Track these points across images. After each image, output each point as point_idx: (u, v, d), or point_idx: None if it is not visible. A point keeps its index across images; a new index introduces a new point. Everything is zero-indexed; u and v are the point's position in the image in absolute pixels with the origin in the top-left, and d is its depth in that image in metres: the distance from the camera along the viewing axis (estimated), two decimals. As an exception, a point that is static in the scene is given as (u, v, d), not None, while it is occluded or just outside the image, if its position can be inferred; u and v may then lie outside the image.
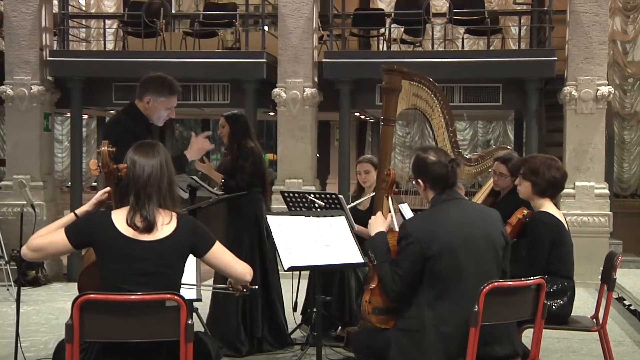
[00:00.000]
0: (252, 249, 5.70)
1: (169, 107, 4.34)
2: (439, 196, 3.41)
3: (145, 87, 4.31)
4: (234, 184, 5.62)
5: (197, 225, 3.04)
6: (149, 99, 4.27)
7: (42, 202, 9.19)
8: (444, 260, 3.24)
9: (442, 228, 3.29)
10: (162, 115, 4.34)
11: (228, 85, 9.70)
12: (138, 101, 4.33)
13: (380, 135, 4.21)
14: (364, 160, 5.99)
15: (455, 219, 3.32)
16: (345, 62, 9.26)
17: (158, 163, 3.00)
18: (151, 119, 4.33)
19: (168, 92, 4.31)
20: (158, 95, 4.28)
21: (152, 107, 4.28)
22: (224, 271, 3.11)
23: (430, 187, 3.42)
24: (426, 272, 3.26)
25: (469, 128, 17.25)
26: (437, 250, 3.24)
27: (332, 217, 4.33)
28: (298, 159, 9.13)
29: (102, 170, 3.07)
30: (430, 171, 3.40)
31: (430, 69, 7.79)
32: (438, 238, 3.26)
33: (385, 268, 3.35)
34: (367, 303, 3.54)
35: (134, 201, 2.95)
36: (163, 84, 4.31)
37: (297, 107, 9.12)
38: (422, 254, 3.24)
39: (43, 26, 9.46)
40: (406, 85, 4.17)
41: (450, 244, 3.25)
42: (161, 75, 4.39)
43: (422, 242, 3.25)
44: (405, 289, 3.29)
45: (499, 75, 9.12)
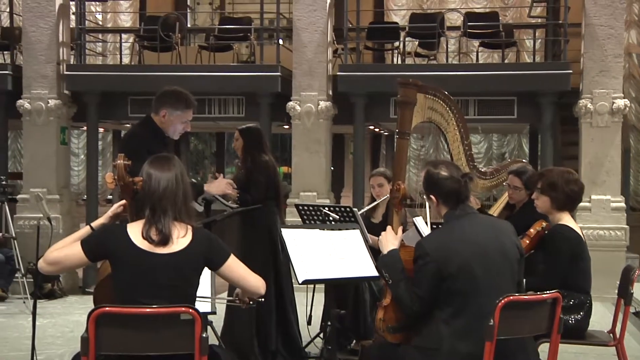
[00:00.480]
0: (266, 262, 5.70)
1: (184, 121, 4.38)
2: (453, 212, 3.39)
3: (162, 101, 4.35)
4: (249, 198, 5.63)
5: (212, 238, 3.05)
6: (164, 112, 4.31)
7: (58, 215, 9.24)
8: (461, 278, 3.22)
9: (458, 246, 3.27)
10: (177, 129, 4.37)
11: (243, 99, 9.73)
12: (154, 115, 4.37)
13: (395, 149, 4.20)
14: (377, 173, 5.98)
15: (471, 236, 3.30)
16: (359, 76, 9.27)
17: (173, 176, 3.01)
18: (167, 132, 4.37)
19: (184, 106, 4.35)
20: (174, 109, 4.31)
21: (168, 120, 4.32)
22: (238, 284, 3.11)
23: (443, 203, 3.41)
24: (443, 290, 3.24)
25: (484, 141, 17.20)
26: (454, 269, 3.22)
27: (347, 231, 4.32)
28: (312, 172, 9.13)
29: (118, 183, 3.09)
30: (442, 187, 3.38)
31: (444, 82, 7.78)
32: (455, 257, 3.24)
33: (402, 287, 3.32)
34: (381, 321, 3.52)
35: (149, 214, 2.96)
36: (179, 98, 4.35)
37: (311, 120, 9.14)
38: (439, 274, 3.22)
39: (60, 41, 9.55)
40: (421, 98, 4.16)
41: (467, 262, 3.23)
42: (177, 89, 4.43)
43: (439, 261, 3.23)
44: (424, 308, 3.27)
45: (513, 89, 9.09)
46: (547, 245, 4.19)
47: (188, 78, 9.16)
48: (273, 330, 5.65)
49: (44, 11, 9.42)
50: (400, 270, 3.39)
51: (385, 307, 3.51)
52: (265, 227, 5.73)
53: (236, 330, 5.62)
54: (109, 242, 2.95)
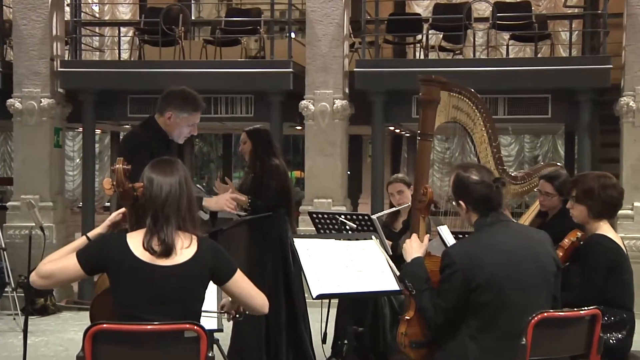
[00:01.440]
0: (276, 275, 5.71)
1: (191, 124, 4.41)
2: (483, 219, 3.38)
3: (168, 102, 4.38)
4: (261, 204, 5.64)
5: (218, 250, 3.06)
6: (170, 114, 4.34)
7: (51, 224, 9.30)
8: (489, 290, 3.22)
9: (487, 256, 3.27)
10: (183, 132, 4.40)
11: (252, 97, 9.76)
12: (158, 115, 4.40)
13: (417, 151, 4.21)
14: (396, 179, 5.99)
15: (502, 245, 3.30)
16: (378, 72, 9.28)
17: (177, 182, 3.03)
18: (171, 135, 4.39)
19: (192, 108, 4.38)
20: (181, 111, 4.35)
21: (173, 123, 4.35)
22: (243, 301, 3.12)
23: (473, 210, 3.40)
24: (470, 302, 3.24)
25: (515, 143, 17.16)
26: (482, 280, 3.22)
27: (365, 241, 4.32)
28: (327, 176, 9.14)
29: (117, 189, 3.10)
30: (472, 192, 3.38)
31: (471, 79, 7.77)
32: (483, 267, 3.24)
33: (426, 298, 3.33)
34: (403, 335, 3.52)
35: (151, 223, 2.98)
36: (187, 99, 4.38)
37: (326, 120, 9.15)
38: (466, 284, 3.23)
39: (54, 35, 9.62)
40: (445, 96, 4.16)
41: (497, 273, 3.23)
42: (185, 89, 4.46)
43: (466, 271, 3.23)
44: (449, 322, 3.27)
45: (547, 85, 9.06)
46: (583, 257, 4.17)
47: (192, 75, 9.20)
48: (284, 348, 5.66)
49: (36, 3, 9.49)
50: (424, 279, 3.39)
51: (409, 321, 3.51)
52: (275, 236, 5.74)
53: (244, 348, 5.63)
54: (107, 253, 2.97)
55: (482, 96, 4.33)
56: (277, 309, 5.74)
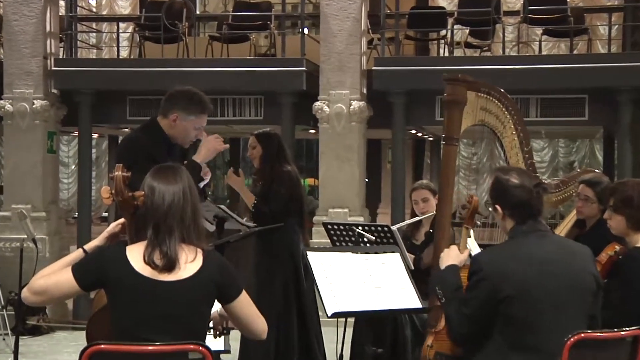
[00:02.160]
0: (287, 291, 5.72)
1: (198, 127, 4.41)
2: (519, 227, 3.38)
3: (172, 103, 4.39)
4: (266, 210, 5.65)
5: (226, 266, 3.07)
6: (175, 116, 4.34)
7: (44, 236, 9.34)
8: (519, 303, 3.21)
9: (518, 265, 3.26)
10: (189, 136, 4.41)
11: (261, 99, 9.79)
12: (161, 118, 4.40)
13: (441, 157, 4.21)
14: (422, 186, 5.97)
15: (536, 256, 3.29)
16: (399, 71, 9.28)
17: (180, 190, 3.04)
18: (176, 139, 4.40)
19: (199, 109, 4.38)
20: (187, 113, 4.35)
21: (179, 126, 4.35)
22: (243, 324, 3.12)
23: (510, 215, 3.40)
24: (499, 315, 3.23)
25: (548, 148, 17.11)
26: (511, 291, 3.21)
27: (385, 254, 4.32)
28: (343, 184, 9.15)
29: (116, 198, 3.12)
30: (511, 196, 3.38)
31: (501, 78, 7.76)
32: (513, 277, 3.23)
33: (454, 306, 3.34)
34: (429, 348, 3.51)
35: (152, 235, 2.99)
36: (192, 99, 4.39)
37: (342, 123, 9.16)
38: (493, 294, 3.22)
39: (48, 31, 9.68)
40: (472, 97, 4.16)
41: (528, 284, 3.23)
42: (191, 89, 4.47)
43: (494, 279, 3.23)
44: (472, 331, 3.26)
45: (584, 85, 9.04)
46: (622, 273, 4.15)
47: (197, 74, 9.24)
48: (296, 371, 5.67)
49: (29, -3, 9.56)
50: (455, 287, 3.39)
51: (437, 333, 3.51)
52: (286, 249, 5.75)
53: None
54: (105, 267, 2.98)
55: (513, 97, 4.33)
56: (288, 329, 5.74)
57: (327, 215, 9.03)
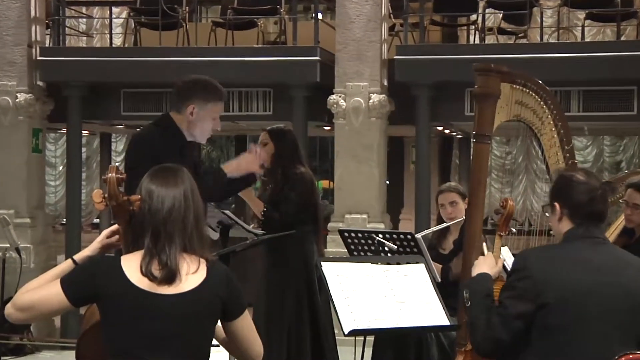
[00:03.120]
0: (299, 306, 5.72)
1: (215, 116, 4.49)
2: (576, 230, 3.38)
3: (187, 94, 4.46)
4: (276, 217, 5.66)
5: (231, 279, 3.07)
6: (193, 107, 4.41)
7: (29, 245, 9.36)
8: (562, 312, 3.21)
9: (567, 271, 3.26)
10: (206, 128, 4.48)
11: (270, 92, 9.81)
12: (175, 113, 4.47)
13: (472, 156, 4.21)
14: (449, 188, 5.97)
15: (589, 264, 3.29)
16: (424, 60, 9.27)
17: (181, 194, 3.05)
18: (194, 134, 4.46)
19: (216, 96, 4.49)
20: (204, 101, 4.43)
21: (197, 117, 4.42)
22: (242, 346, 3.12)
23: (568, 215, 3.38)
24: (536, 324, 3.23)
25: (592, 146, 17.05)
26: (554, 298, 3.21)
27: (408, 265, 4.33)
28: (362, 187, 9.15)
29: (109, 203, 3.13)
30: (573, 193, 3.37)
31: (538, 68, 7.75)
32: (559, 282, 3.23)
33: (480, 309, 3.33)
34: (458, 367, 3.52)
35: (150, 243, 3.00)
36: (207, 87, 4.49)
37: (360, 119, 9.17)
38: (535, 296, 3.22)
39: (32, 16, 9.72)
40: (506, 89, 4.16)
41: (575, 293, 3.22)
42: (201, 77, 4.58)
43: (538, 281, 3.23)
44: (505, 337, 3.24)
45: (633, 75, 9.01)
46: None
47: (199, 65, 9.26)
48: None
49: (12, -21, 9.61)
50: (485, 294, 3.39)
51: (467, 353, 3.50)
52: (299, 259, 5.76)
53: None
54: (98, 280, 2.99)
55: (552, 89, 4.32)
56: (301, 347, 5.75)
57: (344, 221, 9.04)
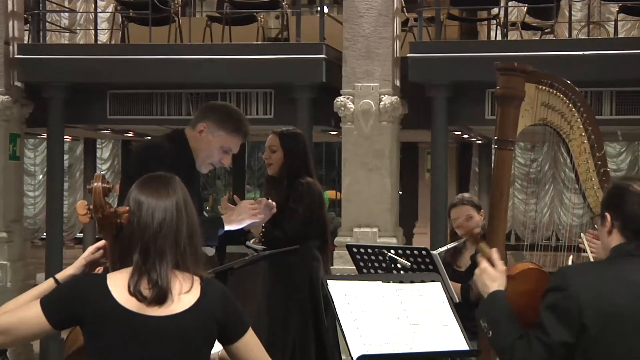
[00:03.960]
0: (304, 329, 5.73)
1: (226, 149, 4.51)
2: (626, 246, 3.36)
3: (205, 114, 4.58)
4: (279, 235, 5.66)
5: (228, 298, 3.08)
6: (204, 126, 4.49)
7: (5, 262, 9.38)
8: (609, 337, 3.20)
9: (615, 291, 3.24)
10: (212, 155, 4.52)
11: (271, 93, 9.82)
12: (190, 129, 4.55)
13: (493, 164, 4.21)
14: (462, 201, 5.95)
15: (637, 286, 3.28)
16: (440, 58, 9.28)
17: (173, 205, 3.05)
18: (197, 156, 4.49)
19: (233, 127, 4.53)
20: (217, 127, 4.49)
21: (204, 139, 4.48)
22: None
23: (621, 229, 3.36)
24: (580, 350, 3.23)
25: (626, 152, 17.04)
26: (600, 320, 3.20)
27: (423, 284, 4.32)
28: (372, 198, 9.15)
29: (94, 215, 3.13)
30: (627, 204, 3.36)
31: (567, 67, 7.75)
32: (607, 303, 3.21)
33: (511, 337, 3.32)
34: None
35: (139, 260, 3.01)
36: (230, 115, 4.58)
37: (370, 123, 9.17)
38: (578, 317, 3.21)
39: (10, 10, 9.74)
40: (531, 90, 4.16)
41: (623, 317, 3.21)
42: (231, 106, 4.80)
43: (582, 301, 3.21)
44: None
45: (670, 75, 9.02)
46: None
47: (192, 63, 9.28)
48: None
49: (-12, -31, 9.64)
50: (507, 316, 3.38)
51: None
52: (303, 277, 5.76)
53: None
54: (82, 300, 2.99)
55: (582, 90, 4.32)
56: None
57: (352, 235, 9.03)
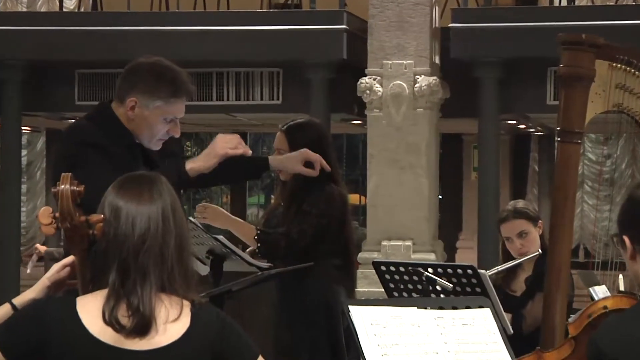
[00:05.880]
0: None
1: (169, 119, 4.45)
2: None
3: (131, 82, 4.46)
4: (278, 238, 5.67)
5: (227, 325, 3.09)
6: (134, 101, 4.40)
7: (-50, 282, 9.46)
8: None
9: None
10: (157, 132, 4.44)
11: (279, 73, 9.84)
12: (117, 104, 4.47)
13: (556, 161, 4.21)
14: (514, 214, 5.94)
15: None
16: (490, 29, 9.29)
17: (159, 212, 3.07)
18: (138, 136, 4.44)
19: (170, 91, 4.44)
20: (150, 97, 4.40)
21: (139, 116, 4.40)
22: None
23: None
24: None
25: None
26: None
27: (469, 310, 4.34)
28: (405, 203, 9.15)
29: (61, 225, 3.15)
30: None
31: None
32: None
33: None
34: None
35: (116, 280, 3.02)
36: (161, 77, 4.44)
37: (402, 110, 9.16)
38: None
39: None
40: (603, 69, 4.17)
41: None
42: (159, 62, 4.52)
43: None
44: None
45: None
46: None
47: (180, 36, 9.31)
48: None
49: None
50: None
51: None
52: (319, 304, 5.78)
53: None
54: (44, 330, 3.01)
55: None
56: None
57: (380, 250, 9.05)
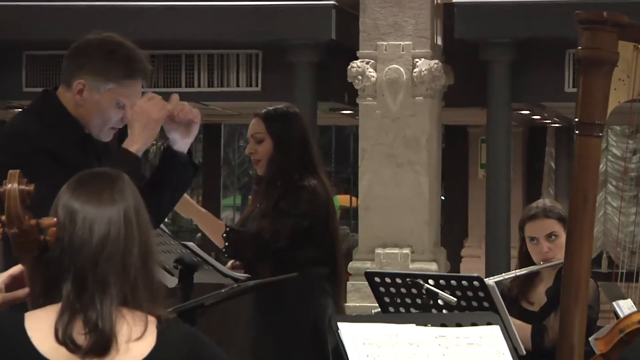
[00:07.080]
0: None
1: (122, 105, 4.46)
2: None
3: (78, 62, 4.46)
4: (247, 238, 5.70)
5: (198, 343, 3.11)
6: (82, 83, 4.39)
7: None
8: None
9: None
10: (108, 118, 4.44)
11: (257, 55, 9.86)
12: (64, 89, 4.48)
13: (575, 156, 4.24)
14: (545, 213, 5.95)
15: None
16: (499, 6, 9.32)
17: (121, 215, 3.08)
18: (87, 124, 4.44)
19: (122, 72, 4.44)
20: (101, 78, 4.40)
21: (89, 101, 4.39)
22: None
23: None
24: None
25: None
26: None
27: (475, 328, 4.36)
28: (402, 205, 9.18)
29: (8, 230, 3.16)
30: None
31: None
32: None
33: None
34: None
35: (71, 293, 3.03)
36: (112, 55, 4.44)
37: (399, 98, 9.19)
38: None
39: None
40: (628, 51, 4.19)
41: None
42: (111, 38, 4.52)
43: None
44: None
45: None
46: None
47: (143, 13, 9.32)
48: None
49: None
50: None
51: None
52: (305, 320, 5.81)
53: None
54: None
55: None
56: None
57: (373, 259, 9.07)
